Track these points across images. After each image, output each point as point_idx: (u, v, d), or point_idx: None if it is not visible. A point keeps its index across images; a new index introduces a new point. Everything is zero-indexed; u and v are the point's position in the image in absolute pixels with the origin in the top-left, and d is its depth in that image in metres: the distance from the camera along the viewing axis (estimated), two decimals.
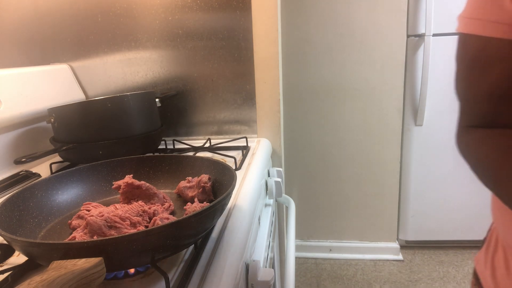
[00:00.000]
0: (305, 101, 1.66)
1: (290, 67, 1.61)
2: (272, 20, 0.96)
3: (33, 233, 0.49)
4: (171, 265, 0.46)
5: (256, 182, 0.74)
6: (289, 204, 0.97)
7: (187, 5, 0.98)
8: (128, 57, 1.04)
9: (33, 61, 1.07)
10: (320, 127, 1.68)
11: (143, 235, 0.36)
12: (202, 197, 0.57)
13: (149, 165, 0.66)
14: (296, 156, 1.73)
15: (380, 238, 1.78)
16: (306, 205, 1.79)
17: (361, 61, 1.57)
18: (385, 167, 1.68)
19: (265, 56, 0.99)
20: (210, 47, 1.01)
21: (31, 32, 1.05)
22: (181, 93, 1.05)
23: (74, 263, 0.33)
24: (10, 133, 0.86)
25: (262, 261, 0.61)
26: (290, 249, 0.79)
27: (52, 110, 0.80)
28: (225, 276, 0.44)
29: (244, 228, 0.57)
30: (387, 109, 1.61)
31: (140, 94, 0.85)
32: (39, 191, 0.54)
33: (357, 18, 1.53)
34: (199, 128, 1.08)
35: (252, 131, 1.06)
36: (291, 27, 1.57)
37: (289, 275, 0.72)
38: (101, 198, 0.61)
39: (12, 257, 0.50)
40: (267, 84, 1.01)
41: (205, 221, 0.44)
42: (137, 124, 0.83)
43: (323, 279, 1.65)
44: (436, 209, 1.71)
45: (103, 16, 1.02)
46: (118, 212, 0.48)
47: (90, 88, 1.09)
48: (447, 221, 1.72)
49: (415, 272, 1.66)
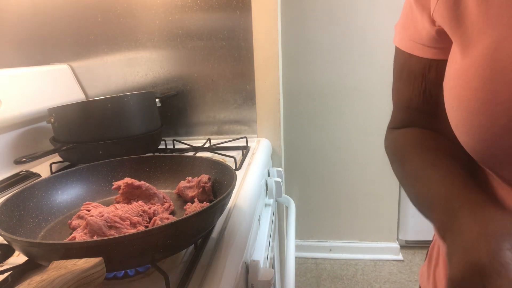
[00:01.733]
0: (305, 101, 1.66)
1: (290, 67, 1.61)
2: (272, 20, 0.96)
3: (33, 233, 0.49)
4: (171, 265, 0.46)
5: (256, 182, 0.74)
6: (289, 204, 0.97)
7: (187, 5, 0.98)
8: (128, 57, 1.04)
9: (33, 61, 1.07)
10: (320, 127, 1.68)
11: (143, 235, 0.36)
12: (202, 197, 0.57)
13: (149, 165, 0.66)
14: (296, 156, 1.73)
15: (380, 238, 1.78)
16: (306, 205, 1.79)
17: (361, 61, 1.57)
18: (385, 167, 1.68)
19: (265, 56, 0.99)
20: (210, 47, 1.01)
21: (31, 32, 1.05)
22: (181, 93, 1.05)
23: (74, 263, 0.33)
24: (10, 133, 0.86)
25: (262, 261, 0.61)
26: (290, 249, 0.79)
27: (52, 110, 0.80)
28: (225, 276, 0.44)
29: (244, 228, 0.57)
30: (387, 109, 1.60)
31: (140, 94, 0.85)
32: (39, 191, 0.54)
33: (357, 18, 1.53)
34: (199, 128, 1.08)
35: (252, 131, 1.06)
36: (291, 27, 1.57)
37: (289, 275, 0.72)
38: (101, 198, 0.61)
39: (12, 257, 0.50)
40: (267, 84, 1.01)
41: (205, 221, 0.44)
42: (137, 124, 0.83)
43: (323, 279, 1.65)
44: None
45: (103, 16, 1.01)
46: (118, 212, 0.48)
47: (90, 88, 1.08)
48: None
49: (415, 272, 1.66)
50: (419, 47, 0.41)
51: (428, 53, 0.40)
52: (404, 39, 0.43)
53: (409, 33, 0.42)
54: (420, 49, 0.41)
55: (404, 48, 0.44)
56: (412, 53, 0.42)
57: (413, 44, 0.42)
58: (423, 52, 0.41)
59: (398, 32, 0.45)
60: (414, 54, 0.42)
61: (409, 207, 1.73)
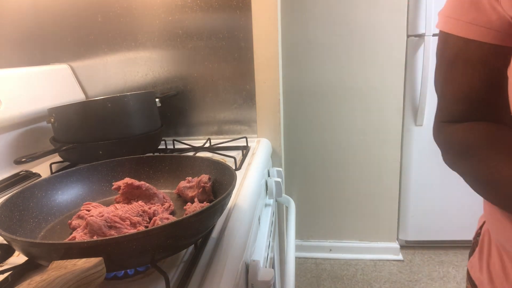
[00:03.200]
0: (305, 101, 1.66)
1: (290, 67, 1.61)
2: (272, 20, 0.96)
3: (33, 233, 0.49)
4: (171, 265, 0.46)
5: (256, 182, 0.74)
6: (289, 204, 0.97)
7: (187, 5, 0.98)
8: (128, 57, 1.04)
9: (33, 61, 1.07)
10: (320, 127, 1.68)
11: (143, 235, 0.36)
12: (202, 197, 0.57)
13: (149, 165, 0.66)
14: (296, 156, 1.73)
15: (380, 238, 1.78)
16: (306, 205, 1.79)
17: (361, 61, 1.57)
18: (385, 167, 1.68)
19: (265, 56, 0.99)
20: (210, 47, 1.01)
21: (31, 32, 1.05)
22: (181, 93, 1.05)
23: (74, 263, 0.33)
24: (10, 133, 0.86)
25: (262, 261, 0.61)
26: (290, 249, 0.79)
27: (52, 110, 0.80)
28: (225, 276, 0.44)
29: (244, 228, 0.57)
30: (387, 109, 1.61)
31: (140, 94, 0.85)
32: (39, 191, 0.54)
33: (357, 18, 1.53)
34: (199, 128, 1.08)
35: (252, 131, 1.06)
36: (291, 27, 1.57)
37: (289, 275, 0.72)
38: (101, 198, 0.61)
39: (12, 257, 0.50)
40: (267, 84, 1.01)
41: (205, 221, 0.44)
42: (137, 124, 0.83)
43: (323, 279, 1.65)
44: (436, 209, 1.71)
45: (103, 16, 1.01)
46: (118, 212, 0.48)
47: (90, 88, 1.09)
48: (447, 221, 1.72)
49: (415, 272, 1.66)
50: (483, 31, 0.38)
51: (495, 38, 0.37)
52: (459, 24, 0.40)
53: (470, 16, 0.39)
54: (485, 33, 0.38)
55: (459, 33, 0.40)
56: (473, 38, 0.39)
57: (474, 28, 0.39)
58: (487, 37, 0.38)
59: (447, 17, 0.42)
60: (476, 39, 0.39)
61: (409, 207, 1.73)
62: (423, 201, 1.71)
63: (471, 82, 0.41)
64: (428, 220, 1.74)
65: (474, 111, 0.43)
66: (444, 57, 0.44)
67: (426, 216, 1.73)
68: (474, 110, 0.43)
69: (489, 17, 0.37)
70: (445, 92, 0.45)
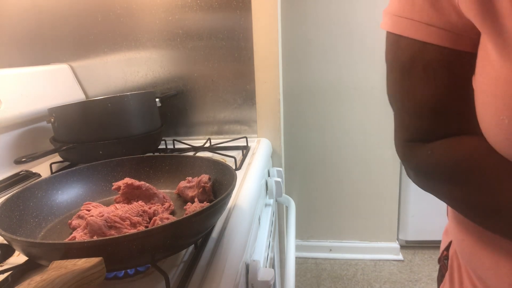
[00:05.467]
0: (305, 101, 1.66)
1: (290, 67, 1.61)
2: (272, 20, 0.96)
3: (33, 233, 0.49)
4: (171, 265, 0.46)
5: (256, 182, 0.74)
6: (289, 204, 0.97)
7: (187, 5, 0.98)
8: (128, 57, 1.04)
9: (33, 61, 1.07)
10: (320, 127, 1.68)
11: (143, 235, 0.36)
12: (202, 197, 0.57)
13: (149, 165, 0.66)
14: (296, 156, 1.73)
15: (380, 238, 1.78)
16: (306, 205, 1.79)
17: (361, 61, 1.57)
18: (385, 167, 1.68)
19: (265, 56, 0.99)
20: (210, 47, 1.00)
21: (31, 32, 1.05)
22: (181, 93, 1.05)
23: (74, 263, 0.33)
24: (10, 133, 0.86)
25: (262, 261, 0.61)
26: (290, 249, 0.79)
27: (52, 110, 0.80)
28: (225, 276, 0.44)
29: (244, 228, 0.57)
30: (387, 109, 1.60)
31: (140, 94, 0.85)
32: (39, 191, 0.54)
33: (357, 18, 1.53)
34: (199, 128, 1.08)
35: (252, 131, 1.06)
36: (291, 27, 1.57)
37: (289, 275, 0.72)
38: (101, 198, 0.61)
39: (12, 257, 0.50)
40: (267, 84, 1.01)
41: (205, 221, 0.44)
42: (137, 124, 0.83)
43: (323, 279, 1.65)
44: (436, 209, 1.71)
45: (103, 16, 1.01)
46: (118, 212, 0.48)
47: (90, 88, 1.08)
48: (447, 221, 1.72)
49: (415, 272, 1.66)
50: (442, 34, 0.32)
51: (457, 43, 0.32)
52: (413, 25, 0.34)
53: (425, 16, 0.33)
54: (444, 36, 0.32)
55: (413, 35, 0.34)
56: (430, 41, 0.33)
57: (431, 30, 0.33)
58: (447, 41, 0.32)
59: (396, 16, 0.36)
60: (434, 42, 0.33)
61: (409, 207, 1.73)
62: (423, 201, 1.71)
63: (435, 91, 0.35)
64: (428, 220, 1.74)
65: (443, 125, 0.36)
66: (397, 62, 0.37)
67: (426, 216, 1.73)
68: (443, 124, 0.36)
69: (448, 17, 0.31)
70: (406, 105, 0.38)
